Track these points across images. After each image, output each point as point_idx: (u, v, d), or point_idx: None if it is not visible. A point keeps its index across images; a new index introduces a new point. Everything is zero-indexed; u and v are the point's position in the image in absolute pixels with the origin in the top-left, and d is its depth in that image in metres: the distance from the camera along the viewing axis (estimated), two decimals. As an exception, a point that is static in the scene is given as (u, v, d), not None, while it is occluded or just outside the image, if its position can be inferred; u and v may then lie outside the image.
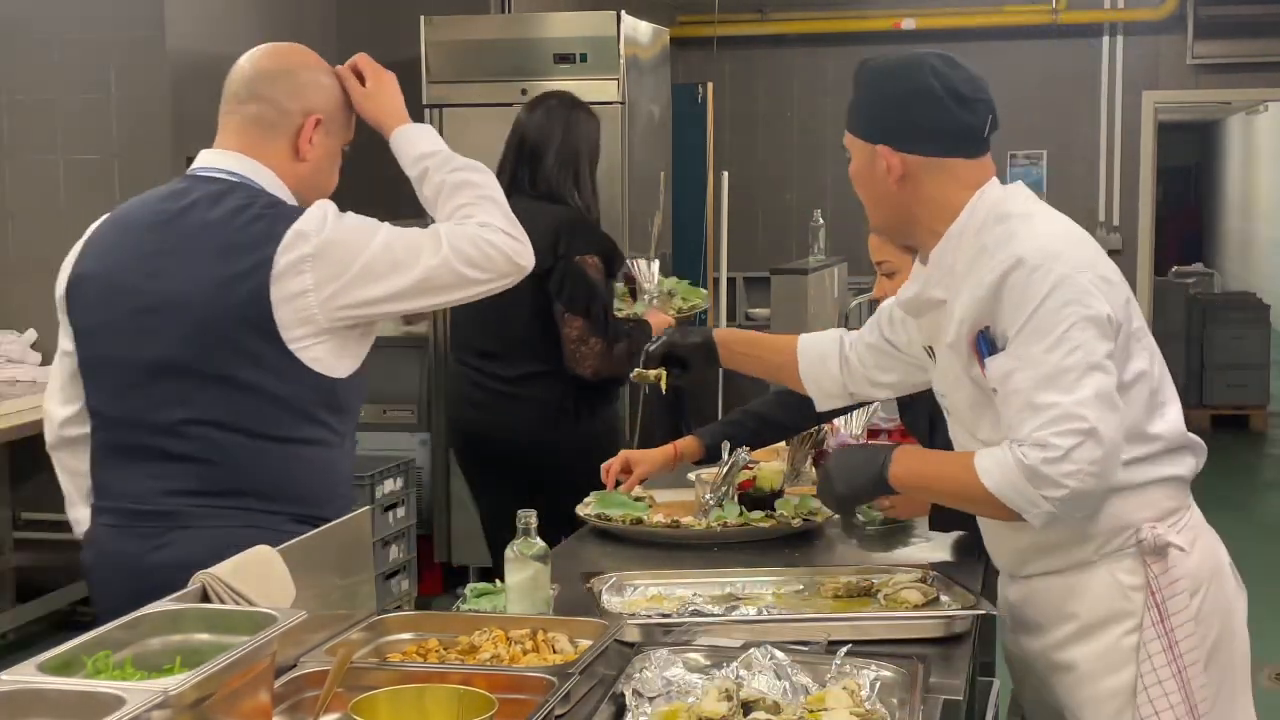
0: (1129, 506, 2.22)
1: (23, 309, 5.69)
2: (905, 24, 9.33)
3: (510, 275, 2.44)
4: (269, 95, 2.44)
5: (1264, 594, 5.78)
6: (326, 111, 2.46)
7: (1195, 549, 2.26)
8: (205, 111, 6.17)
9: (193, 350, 2.31)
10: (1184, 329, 10.13)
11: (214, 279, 2.31)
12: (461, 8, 6.40)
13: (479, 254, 2.38)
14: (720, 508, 2.95)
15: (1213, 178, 19.32)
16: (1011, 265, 2.13)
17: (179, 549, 2.28)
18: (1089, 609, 2.26)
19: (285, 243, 2.30)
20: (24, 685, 1.58)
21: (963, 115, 2.21)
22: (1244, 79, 9.42)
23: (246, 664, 1.66)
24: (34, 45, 5.59)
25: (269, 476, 2.34)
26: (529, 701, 1.83)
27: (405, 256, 2.35)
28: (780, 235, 9.42)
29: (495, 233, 2.41)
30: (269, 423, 2.33)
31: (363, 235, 2.35)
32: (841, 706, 1.85)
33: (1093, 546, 2.24)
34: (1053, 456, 2.05)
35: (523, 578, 2.30)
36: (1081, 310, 2.09)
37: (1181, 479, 2.29)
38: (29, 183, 5.67)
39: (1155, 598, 2.20)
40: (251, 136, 2.44)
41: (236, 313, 2.29)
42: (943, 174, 2.23)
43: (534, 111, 4.11)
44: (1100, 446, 2.05)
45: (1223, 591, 2.32)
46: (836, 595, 2.48)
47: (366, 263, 2.32)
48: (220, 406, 2.32)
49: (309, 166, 2.45)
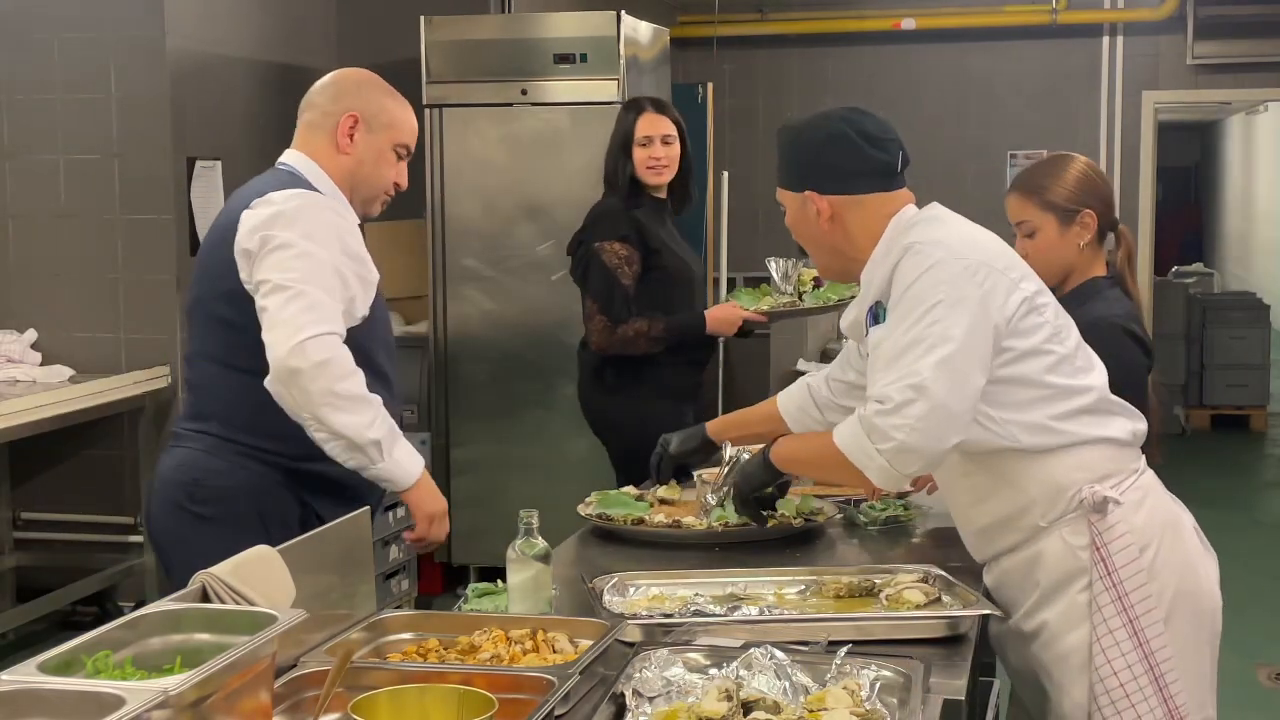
0: (1060, 469, 2.36)
1: (23, 309, 5.69)
2: (905, 24, 9.33)
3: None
4: (317, 102, 2.88)
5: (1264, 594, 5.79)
6: (364, 111, 2.83)
7: (1143, 506, 2.39)
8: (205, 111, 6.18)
9: (201, 288, 2.81)
10: (1184, 329, 10.13)
11: (222, 220, 2.80)
12: (461, 8, 6.40)
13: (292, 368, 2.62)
14: (721, 508, 2.95)
15: (1213, 178, 19.32)
16: (902, 253, 2.35)
17: (164, 463, 2.83)
18: (1047, 574, 2.40)
19: (258, 201, 2.72)
20: (24, 685, 1.58)
21: (875, 154, 2.43)
22: (1244, 79, 9.41)
23: (246, 664, 1.66)
24: (34, 45, 5.58)
25: (227, 404, 2.75)
26: (529, 701, 1.83)
27: (293, 289, 2.64)
28: (780, 235, 9.36)
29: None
30: (235, 353, 2.73)
31: (305, 237, 2.68)
32: (841, 706, 1.85)
33: (1037, 513, 2.39)
34: (885, 409, 2.26)
35: (524, 578, 2.30)
36: (949, 290, 2.27)
37: (1116, 441, 2.41)
38: (29, 183, 5.66)
39: (1100, 553, 2.34)
40: (303, 137, 2.87)
41: (221, 253, 2.74)
42: (864, 210, 2.44)
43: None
44: (929, 404, 2.23)
45: (1180, 546, 2.43)
46: (839, 595, 2.48)
47: (270, 251, 2.66)
48: (209, 339, 2.80)
49: (351, 160, 2.83)
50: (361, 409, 2.63)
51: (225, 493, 2.73)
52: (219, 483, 2.74)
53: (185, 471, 2.76)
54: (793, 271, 4.58)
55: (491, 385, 6.07)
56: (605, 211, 4.32)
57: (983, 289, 2.30)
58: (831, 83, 9.46)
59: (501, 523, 2.62)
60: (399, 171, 2.89)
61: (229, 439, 2.74)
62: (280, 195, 2.72)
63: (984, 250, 2.37)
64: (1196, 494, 2.45)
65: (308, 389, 2.58)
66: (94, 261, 5.62)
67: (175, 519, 2.76)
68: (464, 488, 5.99)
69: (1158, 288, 10.04)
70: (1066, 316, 2.45)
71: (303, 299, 2.62)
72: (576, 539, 3.00)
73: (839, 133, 2.43)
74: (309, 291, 2.63)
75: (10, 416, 4.87)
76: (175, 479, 2.77)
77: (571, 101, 5.95)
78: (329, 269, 2.68)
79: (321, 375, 2.58)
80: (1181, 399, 9.95)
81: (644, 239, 4.25)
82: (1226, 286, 15.13)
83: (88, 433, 5.47)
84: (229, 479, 2.74)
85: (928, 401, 2.23)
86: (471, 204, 6.06)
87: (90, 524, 5.60)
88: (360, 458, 2.65)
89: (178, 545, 2.74)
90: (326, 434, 2.62)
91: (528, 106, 5.98)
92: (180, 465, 2.78)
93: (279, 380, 2.60)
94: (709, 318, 4.32)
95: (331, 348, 2.61)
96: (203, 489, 2.74)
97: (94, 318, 5.62)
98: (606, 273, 4.23)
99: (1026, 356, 2.34)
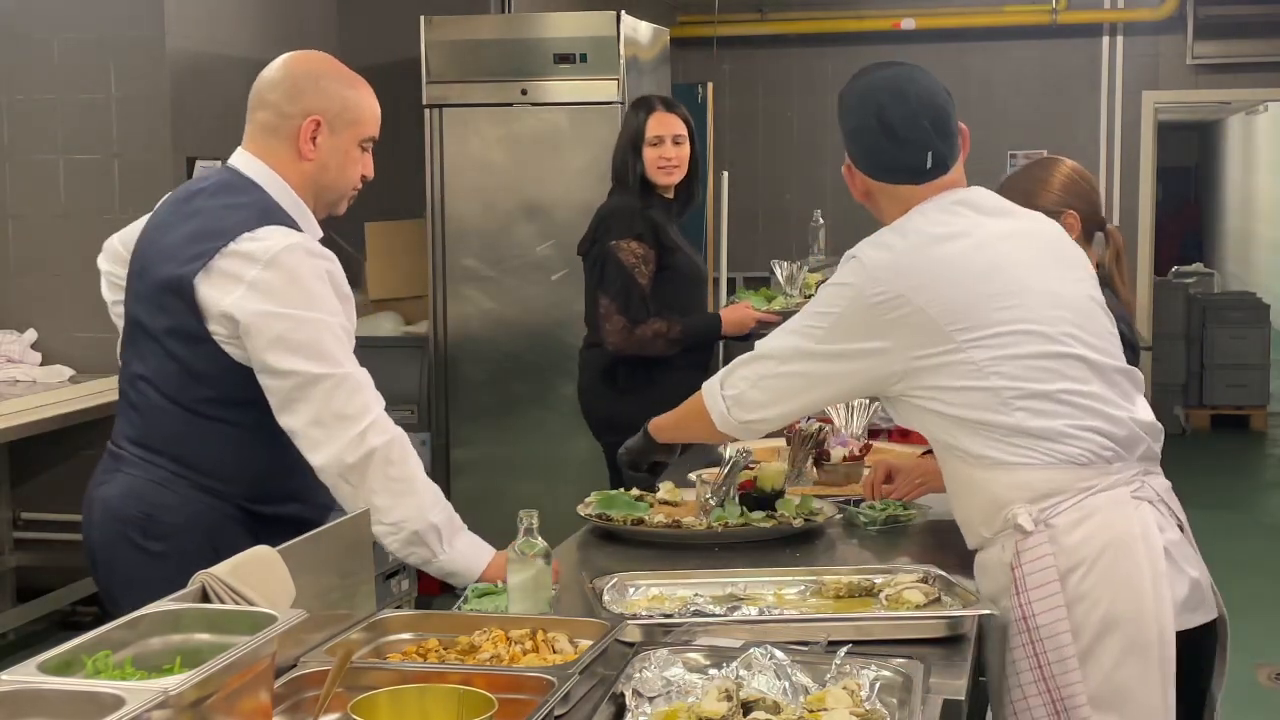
0: (998, 485, 2.36)
1: (23, 309, 5.70)
2: (905, 24, 9.33)
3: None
4: (271, 100, 2.57)
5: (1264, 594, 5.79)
6: (328, 113, 2.55)
7: (1081, 527, 2.32)
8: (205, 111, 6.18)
9: (148, 310, 2.56)
10: (1184, 329, 10.13)
11: (179, 252, 2.50)
12: (461, 8, 6.40)
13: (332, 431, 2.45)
14: (721, 508, 2.95)
15: (1213, 178, 19.31)
16: (852, 254, 2.43)
17: (109, 488, 2.60)
18: (987, 586, 2.43)
19: (231, 248, 2.45)
20: (24, 685, 1.58)
21: (896, 153, 2.43)
22: (1244, 79, 9.42)
23: (246, 664, 1.65)
24: (34, 45, 5.59)
25: (178, 438, 2.54)
26: (529, 701, 1.83)
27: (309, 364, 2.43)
28: (780, 235, 9.41)
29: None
30: (186, 391, 2.52)
31: (306, 305, 2.45)
32: (841, 706, 1.85)
33: (980, 521, 2.43)
34: (744, 359, 2.53)
35: (525, 577, 2.30)
36: (839, 318, 2.40)
37: (1070, 462, 2.33)
38: (29, 183, 5.67)
39: (1015, 573, 2.33)
40: (260, 141, 2.59)
41: (176, 284, 2.48)
42: (894, 196, 2.47)
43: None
44: (773, 370, 2.47)
45: (1123, 568, 2.31)
46: (838, 595, 2.48)
47: (279, 334, 2.42)
48: (156, 369, 2.55)
49: (314, 166, 2.57)
50: (423, 490, 2.48)
51: (178, 528, 2.52)
52: (172, 519, 2.53)
53: (134, 504, 2.54)
54: (798, 274, 4.59)
55: (491, 385, 6.08)
56: (619, 209, 4.29)
57: (873, 333, 2.36)
58: (831, 83, 9.44)
59: (501, 523, 2.61)
60: (365, 164, 2.63)
61: (180, 474, 2.53)
62: (260, 248, 2.44)
63: (914, 278, 2.33)
64: (1196, 494, 2.43)
65: (369, 479, 2.42)
66: (94, 261, 5.59)
67: (123, 552, 2.56)
68: (464, 488, 5.98)
69: (1158, 288, 10.04)
70: (1029, 336, 2.34)
71: (345, 384, 2.43)
72: (576, 539, 3.00)
73: (866, 127, 2.45)
74: (345, 375, 2.43)
75: (10, 416, 4.88)
76: (123, 511, 2.55)
77: (571, 101, 5.96)
78: (341, 331, 2.48)
79: (386, 462, 2.43)
80: (1181, 399, 9.94)
81: (659, 238, 4.25)
82: (1226, 286, 15.12)
83: (88, 433, 5.46)
84: (182, 514, 2.53)
85: (771, 369, 2.47)
86: (471, 204, 6.06)
87: (90, 524, 5.59)
88: (421, 551, 2.48)
89: (127, 580, 2.52)
90: (386, 527, 2.44)
91: (528, 106, 5.98)
92: (128, 495, 2.55)
93: (342, 478, 2.43)
94: (724, 319, 4.33)
95: (389, 426, 2.46)
96: (155, 524, 2.53)
97: (94, 318, 5.59)
98: (624, 272, 4.20)
99: (947, 392, 2.35)
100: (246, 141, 2.61)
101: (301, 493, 2.58)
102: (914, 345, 2.35)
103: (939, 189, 2.45)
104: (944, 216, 2.43)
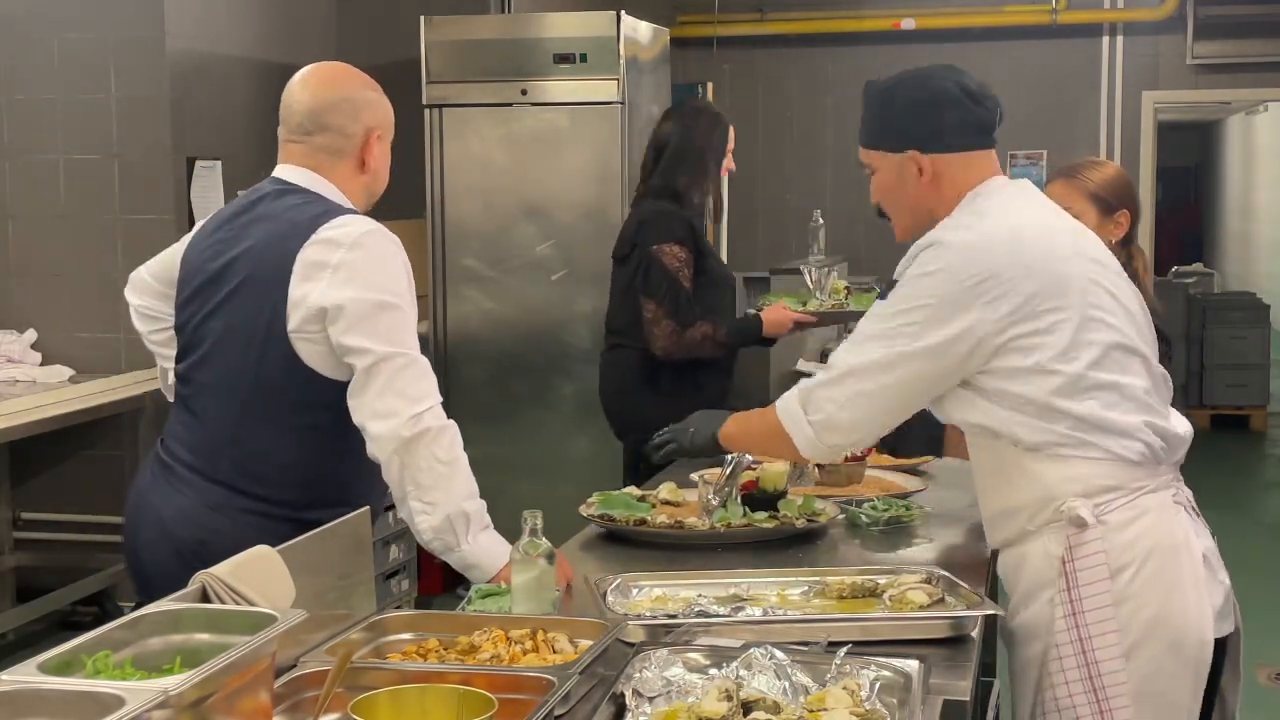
0: (1053, 477, 2.33)
1: (23, 309, 5.70)
2: (905, 24, 9.33)
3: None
4: (333, 124, 2.66)
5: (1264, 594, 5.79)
6: (382, 125, 2.71)
7: (1133, 526, 2.32)
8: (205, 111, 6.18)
9: (224, 319, 2.62)
10: (1184, 329, 10.13)
11: (264, 254, 2.58)
12: (461, 8, 6.40)
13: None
14: (724, 508, 2.94)
15: (1213, 178, 19.32)
16: (930, 242, 2.37)
17: (163, 507, 2.65)
18: (1026, 578, 2.40)
19: (315, 237, 2.54)
20: (24, 685, 1.58)
21: (979, 111, 2.44)
22: (1244, 79, 9.42)
23: (246, 664, 1.65)
24: (34, 45, 5.58)
25: (235, 445, 2.61)
26: (529, 701, 1.83)
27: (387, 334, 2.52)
28: (780, 235, 9.42)
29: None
30: (251, 395, 2.59)
31: (375, 279, 2.53)
32: (841, 706, 1.85)
33: (1025, 516, 2.38)
34: (825, 381, 2.42)
35: (528, 577, 2.29)
36: (936, 307, 2.32)
37: (1122, 460, 2.34)
38: (29, 183, 5.66)
39: (1066, 568, 2.31)
40: (319, 160, 2.68)
41: (262, 287, 2.57)
42: (961, 168, 2.44)
43: (665, 121, 4.54)
44: (863, 389, 2.37)
45: (1169, 573, 2.33)
46: (842, 596, 2.48)
47: (362, 314, 2.51)
48: (221, 372, 2.63)
49: (369, 176, 2.72)
50: (464, 478, 2.55)
51: (230, 554, 2.55)
52: (224, 544, 2.44)
53: (189, 528, 2.60)
54: (825, 280, 4.58)
55: (491, 385, 6.07)
56: (659, 214, 4.30)
57: (970, 313, 2.30)
58: (831, 83, 9.46)
59: (501, 523, 2.61)
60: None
61: (236, 492, 2.60)
62: (342, 233, 2.54)
63: (1004, 257, 2.32)
64: (1196, 494, 2.43)
65: (418, 457, 2.49)
66: (94, 261, 5.62)
67: (176, 570, 2.50)
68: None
69: (1158, 288, 9.99)
70: (1102, 326, 2.35)
71: (414, 367, 2.52)
72: (578, 540, 3.00)
73: (945, 91, 2.43)
74: (415, 358, 2.53)
75: (10, 416, 4.87)
76: (177, 533, 2.61)
77: (571, 101, 5.95)
78: (413, 319, 2.58)
79: (436, 443, 2.50)
80: (1181, 399, 9.91)
81: (696, 243, 4.29)
82: (1226, 286, 15.14)
83: (88, 433, 5.47)
84: (234, 539, 2.45)
85: (863, 386, 2.37)
86: (471, 204, 6.06)
87: (90, 524, 5.59)
88: (449, 537, 2.53)
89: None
90: (422, 504, 2.51)
91: (527, 106, 5.98)
92: (183, 518, 2.62)
93: (396, 453, 2.49)
94: (765, 320, 4.32)
95: (444, 416, 2.55)
96: (208, 550, 2.49)
97: (94, 318, 5.63)
98: (669, 275, 4.22)
99: (1025, 374, 2.32)
100: (296, 159, 2.68)
101: (354, 497, 2.60)
102: (1007, 324, 2.31)
103: (991, 166, 2.46)
104: (1015, 197, 2.43)
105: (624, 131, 5.89)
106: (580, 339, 5.91)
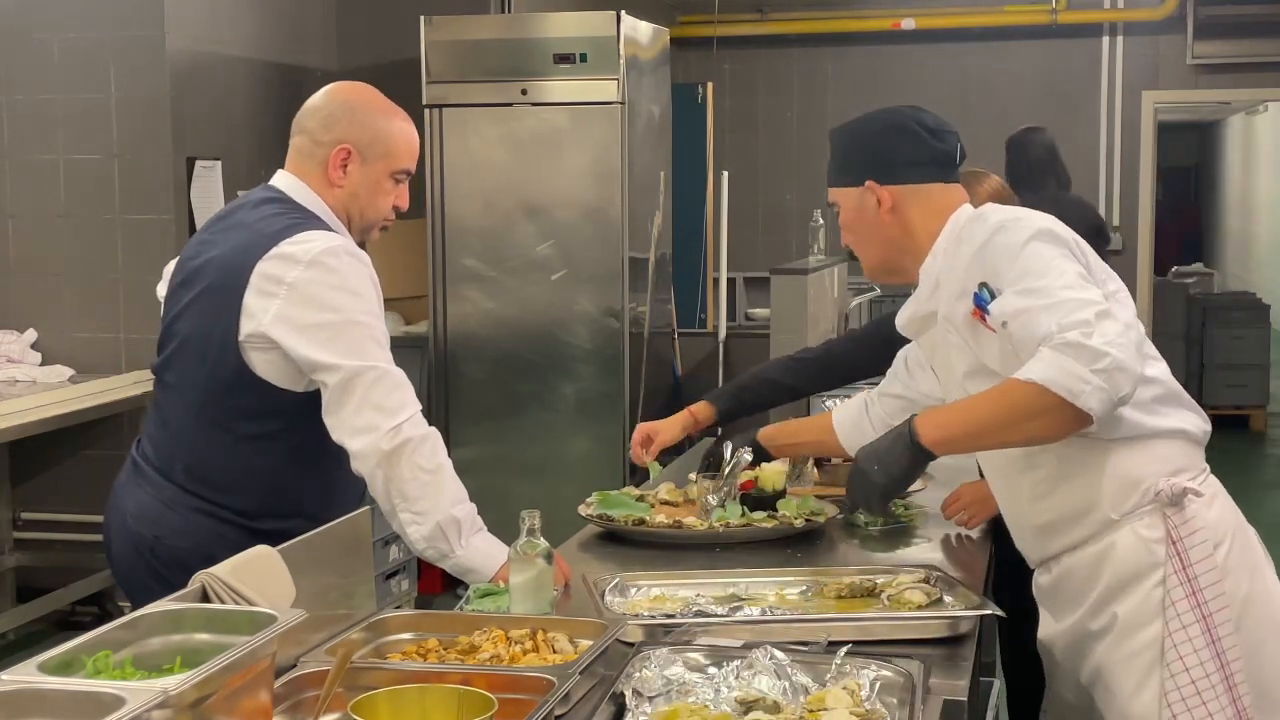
0: (1136, 460, 2.29)
1: (23, 309, 5.70)
2: (905, 24, 9.33)
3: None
4: (308, 127, 2.66)
5: (1264, 594, 5.77)
6: (358, 143, 2.63)
7: (1215, 504, 2.32)
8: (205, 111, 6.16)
9: (189, 322, 2.61)
10: (1184, 329, 10.13)
11: (227, 263, 2.55)
12: (461, 8, 6.40)
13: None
14: (723, 508, 2.95)
15: (1213, 178, 19.32)
16: (993, 230, 2.29)
17: (128, 502, 2.68)
18: (1117, 569, 2.31)
19: (273, 252, 2.51)
20: (24, 685, 1.58)
21: (935, 144, 2.45)
22: (1244, 79, 9.42)
23: (246, 664, 1.65)
24: (34, 45, 5.58)
25: (193, 449, 2.61)
26: (529, 701, 1.83)
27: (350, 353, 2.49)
28: (780, 235, 9.42)
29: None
30: (209, 401, 2.57)
31: (334, 298, 2.50)
32: (841, 706, 1.85)
33: (1108, 506, 2.30)
34: (1087, 330, 2.11)
35: (527, 577, 2.30)
36: (1062, 249, 2.24)
37: (1188, 435, 2.34)
38: (29, 183, 5.66)
39: (1176, 547, 2.26)
40: (297, 162, 2.68)
41: (220, 295, 2.54)
42: (925, 200, 2.44)
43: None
44: (1117, 322, 2.13)
45: (1249, 548, 2.35)
46: (840, 596, 2.48)
47: (322, 338, 2.48)
48: (186, 376, 2.63)
49: (344, 192, 2.65)
50: (450, 485, 2.55)
51: (181, 554, 2.54)
52: (177, 543, 2.58)
53: (146, 524, 2.62)
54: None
55: (491, 385, 6.07)
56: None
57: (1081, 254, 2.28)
58: (831, 83, 9.47)
59: (502, 523, 2.61)
60: (399, 195, 2.70)
61: (188, 492, 2.59)
62: (301, 250, 2.50)
63: (1060, 225, 2.32)
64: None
65: (401, 468, 2.49)
66: (94, 261, 5.62)
67: (137, 564, 2.64)
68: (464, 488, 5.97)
69: (1158, 288, 10.04)
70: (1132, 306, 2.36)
71: (387, 379, 2.50)
72: (577, 540, 3.00)
73: (899, 124, 2.46)
74: (388, 370, 2.51)
75: (10, 416, 4.87)
76: (136, 528, 2.64)
77: (571, 101, 5.95)
78: (381, 333, 2.55)
79: (418, 453, 2.50)
80: (1181, 399, 9.93)
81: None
82: (1226, 286, 15.13)
83: (88, 433, 5.47)
84: (185, 540, 2.58)
85: (1115, 321, 2.13)
86: (471, 204, 6.06)
87: (90, 524, 5.57)
88: (441, 544, 2.53)
89: (142, 589, 2.56)
90: (411, 515, 2.51)
91: (527, 106, 5.98)
92: (141, 515, 2.63)
93: (378, 465, 2.48)
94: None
95: (424, 424, 2.55)
96: (162, 547, 2.60)
97: (94, 318, 5.63)
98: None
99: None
100: (287, 163, 2.69)
101: (310, 510, 2.57)
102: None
103: (959, 198, 2.45)
104: (1007, 209, 2.41)
105: (624, 131, 5.89)
106: (580, 339, 5.91)
